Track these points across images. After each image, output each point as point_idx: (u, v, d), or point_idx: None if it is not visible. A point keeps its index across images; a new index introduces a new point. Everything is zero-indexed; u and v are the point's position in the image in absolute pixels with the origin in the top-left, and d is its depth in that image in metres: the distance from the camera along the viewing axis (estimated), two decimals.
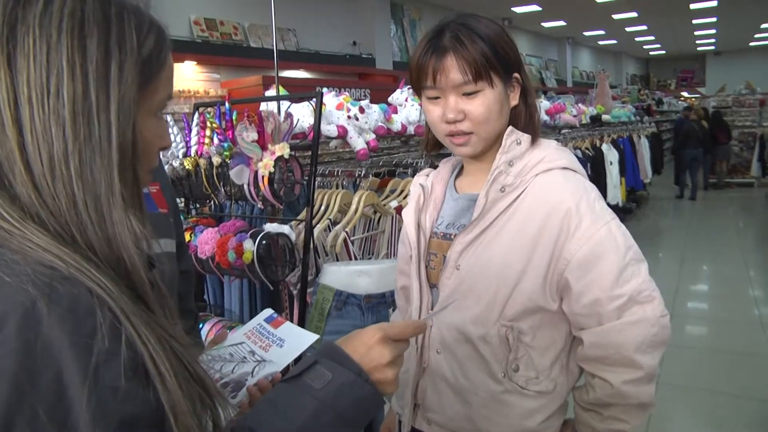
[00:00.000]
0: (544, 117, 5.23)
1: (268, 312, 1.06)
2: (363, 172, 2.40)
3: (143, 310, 0.60)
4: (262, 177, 1.82)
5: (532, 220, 1.10)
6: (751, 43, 19.56)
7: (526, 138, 1.15)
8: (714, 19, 14.87)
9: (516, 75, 1.15)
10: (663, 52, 22.29)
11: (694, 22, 15.22)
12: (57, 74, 0.59)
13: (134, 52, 0.63)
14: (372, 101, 2.62)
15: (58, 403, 0.53)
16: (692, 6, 12.95)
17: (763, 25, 15.95)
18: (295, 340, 0.98)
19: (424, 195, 1.27)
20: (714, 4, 12.71)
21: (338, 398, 0.70)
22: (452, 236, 1.19)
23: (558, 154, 1.16)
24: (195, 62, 6.66)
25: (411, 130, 2.82)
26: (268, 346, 0.97)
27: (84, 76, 0.60)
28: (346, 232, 2.04)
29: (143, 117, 0.66)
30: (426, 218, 1.25)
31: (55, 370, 0.52)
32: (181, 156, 2.08)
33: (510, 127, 1.15)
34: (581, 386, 1.18)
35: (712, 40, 19.09)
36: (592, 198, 1.11)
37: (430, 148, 1.29)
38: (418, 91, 1.17)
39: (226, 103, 1.98)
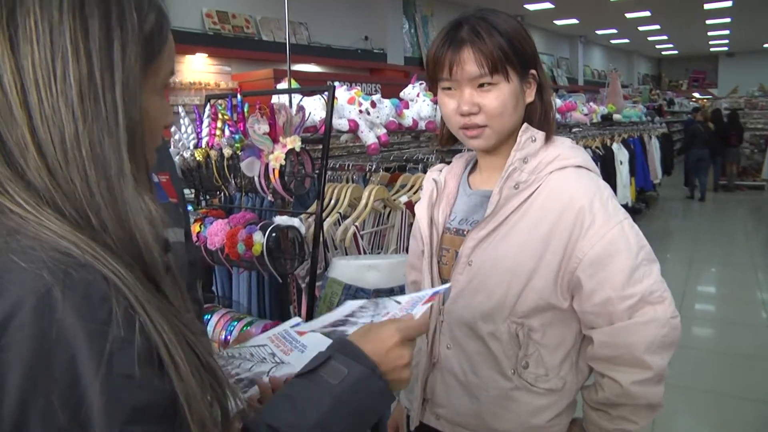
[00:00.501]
0: (556, 115, 5.21)
1: (296, 320, 1.06)
2: (373, 166, 2.39)
3: (158, 298, 0.60)
4: (273, 169, 1.82)
5: (545, 218, 1.10)
6: (765, 45, 19.36)
7: (540, 135, 1.15)
8: (728, 20, 14.73)
9: (533, 71, 1.15)
10: (675, 52, 22.12)
11: (708, 22, 15.09)
12: (62, 56, 0.59)
13: (136, 31, 0.63)
14: (383, 96, 2.62)
15: (71, 390, 0.52)
16: (706, 6, 12.84)
17: None
18: (318, 346, 0.96)
19: (437, 190, 1.27)
20: (728, 4, 12.59)
21: (354, 394, 0.71)
22: (465, 232, 1.19)
23: (572, 152, 1.16)
24: (206, 55, 6.66)
25: (422, 125, 2.81)
26: (289, 350, 0.97)
27: (88, 57, 0.60)
28: (356, 226, 2.04)
29: (148, 95, 0.66)
30: (439, 213, 1.25)
31: (68, 357, 0.52)
32: (192, 147, 2.09)
33: (525, 124, 1.14)
34: (590, 386, 1.17)
35: (726, 41, 18.92)
36: (606, 197, 1.11)
37: (444, 142, 1.29)
38: (434, 83, 1.17)
39: (238, 95, 1.98)
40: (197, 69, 6.61)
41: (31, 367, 0.51)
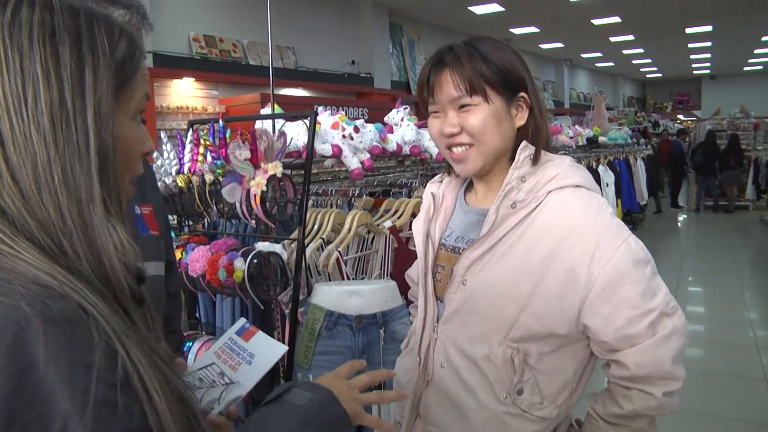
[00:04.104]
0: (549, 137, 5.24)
1: (241, 322, 1.07)
2: (357, 191, 2.39)
3: (131, 328, 0.60)
4: (254, 195, 1.81)
5: (543, 241, 1.08)
6: (746, 68, 19.76)
7: (539, 154, 1.15)
8: (709, 44, 15.02)
9: (523, 95, 1.15)
10: (659, 74, 22.48)
11: (690, 45, 15.37)
12: (33, 83, 0.59)
13: (107, 57, 0.64)
14: (370, 120, 2.63)
15: (51, 423, 0.52)
16: (688, 30, 13.10)
17: (757, 51, 16.12)
18: (265, 353, 0.99)
19: (435, 205, 1.27)
20: (709, 28, 12.85)
21: (320, 412, 0.80)
22: (461, 250, 1.17)
23: (572, 171, 1.15)
24: (193, 79, 6.68)
25: (406, 150, 2.82)
26: (237, 364, 0.98)
27: (59, 83, 0.60)
28: (339, 252, 2.03)
29: (122, 122, 0.67)
30: (435, 228, 1.25)
31: (50, 390, 0.52)
32: (174, 173, 2.08)
33: (524, 142, 1.14)
34: (605, 399, 1.13)
35: (708, 64, 19.27)
36: (608, 216, 1.10)
37: (448, 169, 1.30)
38: (424, 107, 1.19)
39: (220, 121, 1.98)
40: (184, 93, 6.62)
41: (11, 402, 0.50)
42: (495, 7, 10.24)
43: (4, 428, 0.50)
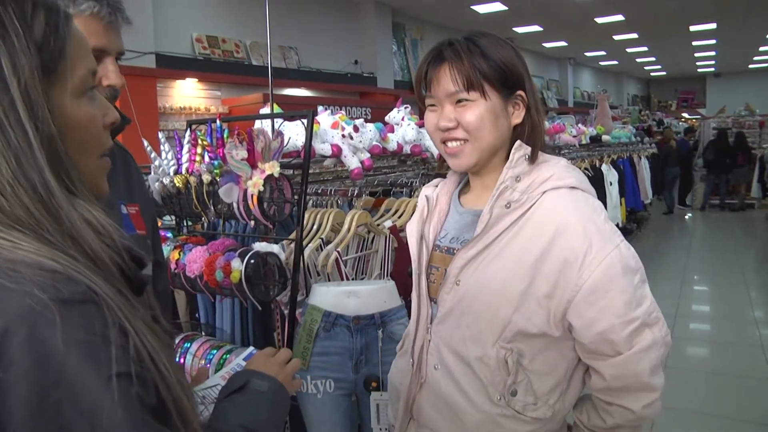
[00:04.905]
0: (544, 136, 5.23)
1: (249, 350, 1.12)
2: (357, 191, 2.38)
3: (135, 307, 0.60)
4: (251, 195, 1.80)
5: (536, 241, 1.07)
6: (750, 66, 19.66)
7: (537, 153, 1.14)
8: (713, 41, 14.96)
9: (520, 93, 1.14)
10: (664, 73, 22.40)
11: (694, 43, 15.31)
12: None
13: (23, 40, 0.58)
14: (373, 120, 2.62)
15: (82, 403, 0.52)
16: (692, 28, 13.04)
17: (762, 48, 16.03)
18: None
19: (429, 207, 1.26)
20: (713, 26, 12.80)
21: (277, 396, 0.92)
22: (455, 251, 1.17)
23: (567, 172, 1.14)
24: (196, 79, 6.69)
25: (407, 149, 2.81)
26: None
27: None
28: (338, 252, 2.01)
29: (68, 101, 0.62)
30: (429, 230, 1.24)
31: (75, 368, 0.52)
32: (171, 173, 2.07)
33: (518, 141, 1.14)
34: (589, 412, 1.16)
35: (712, 62, 19.20)
36: (601, 220, 1.09)
37: (442, 165, 1.29)
38: (422, 102, 1.20)
39: (217, 121, 1.97)
40: (187, 94, 6.64)
41: (36, 384, 0.51)
42: (498, 6, 10.22)
43: (37, 408, 0.50)
